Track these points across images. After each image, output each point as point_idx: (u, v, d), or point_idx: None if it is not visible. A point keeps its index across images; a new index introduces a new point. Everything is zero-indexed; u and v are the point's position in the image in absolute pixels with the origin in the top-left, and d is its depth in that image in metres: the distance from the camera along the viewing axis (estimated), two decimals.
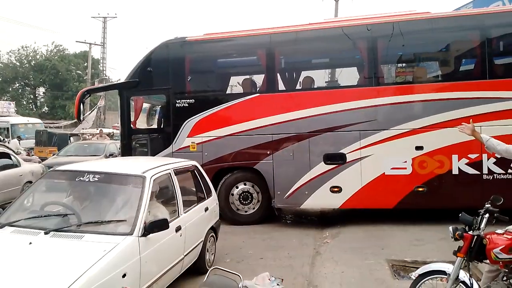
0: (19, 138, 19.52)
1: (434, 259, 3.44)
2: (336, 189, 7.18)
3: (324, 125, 7.21)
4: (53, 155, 15.42)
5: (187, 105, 7.72)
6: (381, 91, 7.11)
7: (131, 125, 8.12)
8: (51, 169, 4.76)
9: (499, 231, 3.23)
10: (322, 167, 7.24)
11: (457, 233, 3.20)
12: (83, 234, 3.45)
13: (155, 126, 8.71)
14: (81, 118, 8.01)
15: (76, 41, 44.09)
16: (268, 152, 7.45)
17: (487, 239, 3.15)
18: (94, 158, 11.22)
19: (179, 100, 7.74)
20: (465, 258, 3.18)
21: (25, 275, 2.92)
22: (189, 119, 7.67)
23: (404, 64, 7.76)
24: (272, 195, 7.49)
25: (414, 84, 7.26)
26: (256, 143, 7.50)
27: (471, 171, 6.72)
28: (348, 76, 8.23)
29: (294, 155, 7.34)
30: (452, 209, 4.12)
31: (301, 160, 7.30)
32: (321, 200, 7.35)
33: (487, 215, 3.18)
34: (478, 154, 6.63)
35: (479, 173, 6.68)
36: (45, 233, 3.43)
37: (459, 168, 6.76)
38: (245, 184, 7.72)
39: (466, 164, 6.73)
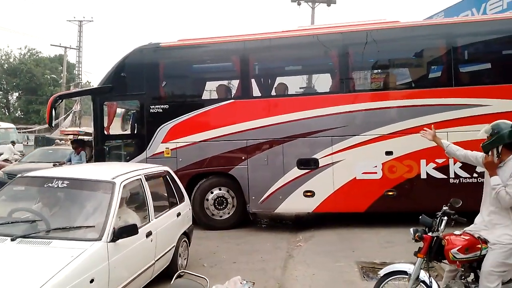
0: (13, 143, 18.90)
1: (402, 261, 3.56)
2: (309, 194, 7.29)
3: (297, 130, 7.32)
4: (16, 161, 14.68)
5: (161, 110, 7.71)
6: (352, 98, 7.27)
7: (105, 131, 8.05)
8: (19, 175, 4.68)
9: (457, 232, 3.39)
10: (295, 172, 7.34)
11: (417, 234, 3.35)
12: (51, 240, 3.43)
13: (129, 131, 8.65)
14: (53, 124, 7.88)
15: (51, 45, 42.92)
16: (243, 158, 7.51)
17: (445, 240, 3.29)
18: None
19: (153, 106, 7.72)
20: (425, 259, 3.31)
21: None
22: (164, 125, 7.66)
23: (374, 71, 7.95)
24: (247, 200, 7.55)
25: (384, 91, 7.46)
26: (231, 148, 7.56)
27: (438, 175, 6.92)
28: (321, 83, 8.40)
29: (269, 160, 7.43)
30: (421, 212, 4.26)
31: (275, 165, 7.39)
32: (295, 204, 7.45)
33: (445, 217, 3.33)
34: (445, 159, 6.81)
35: (446, 177, 6.89)
36: (12, 240, 3.40)
37: (427, 172, 6.95)
38: (220, 189, 7.75)
39: (434, 168, 6.94)
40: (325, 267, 5.32)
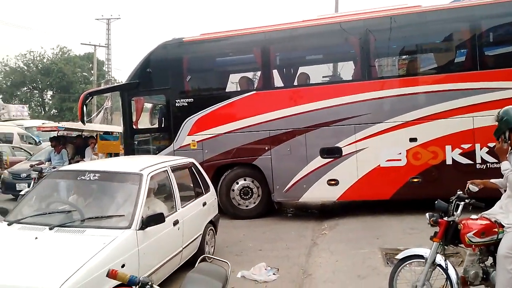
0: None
1: (425, 247, 3.59)
2: (333, 182, 7.33)
3: (320, 119, 7.34)
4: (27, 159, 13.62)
5: (186, 104, 7.91)
6: (374, 85, 7.22)
7: (133, 125, 8.33)
8: (55, 169, 4.99)
9: (474, 216, 3.38)
10: (319, 161, 7.38)
11: (432, 219, 3.38)
12: (84, 229, 3.66)
13: (156, 125, 8.89)
14: (85, 120, 8.22)
15: (81, 43, 44.28)
16: (266, 148, 7.61)
17: (462, 225, 3.31)
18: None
19: (179, 100, 7.93)
20: (441, 243, 3.34)
21: (31, 266, 3.12)
22: (189, 118, 7.85)
23: (397, 57, 7.83)
24: (271, 190, 7.66)
25: (408, 77, 7.36)
26: (254, 139, 7.67)
27: (464, 161, 6.82)
28: (343, 71, 8.38)
29: (292, 150, 7.49)
30: (447, 199, 4.23)
31: (299, 154, 7.45)
32: (319, 193, 7.50)
33: (461, 202, 3.34)
34: (471, 144, 6.74)
35: (472, 162, 6.77)
36: (50, 229, 3.64)
37: (452, 158, 6.86)
38: (245, 180, 7.89)
39: (460, 154, 6.84)
40: (349, 254, 5.36)
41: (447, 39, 7.51)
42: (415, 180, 7.00)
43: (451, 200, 3.40)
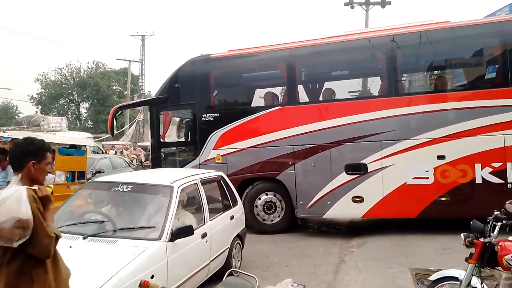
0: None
1: (458, 268, 3.47)
2: (358, 199, 7.21)
3: (345, 135, 7.27)
4: None
5: (212, 118, 7.99)
6: (401, 101, 7.10)
7: (161, 139, 8.48)
8: (90, 180, 5.15)
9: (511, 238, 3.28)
10: (343, 177, 7.28)
11: (468, 240, 3.26)
12: (116, 239, 3.75)
13: (183, 139, 9.02)
14: (114, 133, 8.43)
15: (117, 59, 45.51)
16: (290, 163, 7.57)
17: (499, 246, 3.18)
18: None
19: (205, 114, 8.02)
20: (476, 265, 3.21)
21: None
22: (215, 132, 7.92)
23: (425, 74, 7.71)
24: (294, 205, 7.59)
25: (436, 93, 7.22)
26: (278, 154, 7.66)
27: (495, 180, 6.58)
28: (369, 86, 8.33)
29: (316, 165, 7.43)
30: (477, 218, 4.10)
31: (323, 170, 7.38)
32: (344, 210, 7.38)
33: (498, 223, 3.22)
34: (502, 163, 6.52)
35: (503, 182, 6.53)
36: (84, 238, 3.75)
37: (482, 177, 6.63)
38: (267, 195, 7.84)
39: (490, 173, 6.60)
40: (378, 272, 5.22)
41: (477, 55, 7.34)
42: (443, 198, 6.79)
43: (487, 220, 3.28)
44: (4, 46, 71.67)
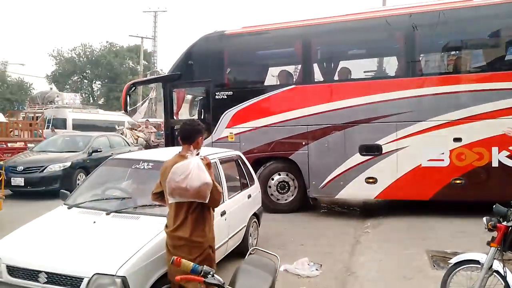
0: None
1: (475, 251, 3.49)
2: (371, 180, 7.15)
3: (360, 116, 7.17)
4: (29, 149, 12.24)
5: (225, 97, 7.90)
6: (418, 82, 6.96)
7: (174, 116, 8.43)
8: (111, 157, 5.24)
9: None
10: (357, 158, 7.21)
11: (490, 223, 3.19)
12: (139, 215, 3.78)
13: (196, 117, 8.94)
14: (128, 109, 8.45)
15: (129, 35, 45.57)
16: (304, 143, 7.50)
17: None
18: (70, 155, 10.23)
19: (219, 92, 7.94)
20: (499, 248, 3.16)
21: (91, 249, 3.29)
22: (228, 111, 7.85)
23: (443, 54, 7.47)
24: (307, 185, 7.53)
25: (453, 75, 7.04)
26: (291, 134, 7.59)
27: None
28: (386, 66, 8.16)
29: (330, 146, 7.35)
30: (491, 202, 4.09)
31: (337, 151, 7.30)
32: (356, 190, 7.35)
33: None
34: None
35: None
36: (107, 214, 3.80)
37: (499, 160, 6.52)
38: (279, 175, 7.82)
39: (507, 156, 6.49)
40: (393, 253, 5.19)
41: (497, 36, 7.05)
42: (458, 181, 6.71)
43: (511, 204, 3.26)
44: (17, 21, 71.53)
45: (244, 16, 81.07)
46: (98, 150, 10.76)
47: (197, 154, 3.04)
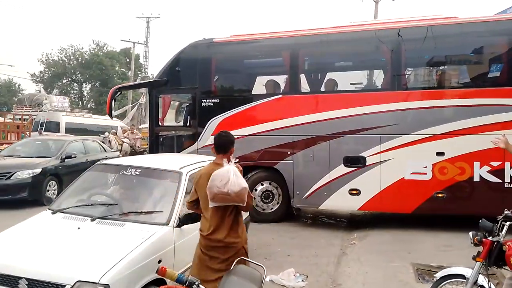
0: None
1: (460, 265, 3.56)
2: (355, 192, 7.14)
3: (345, 127, 7.18)
4: None
5: (212, 104, 7.84)
6: (404, 96, 7.02)
7: (159, 122, 8.33)
8: (98, 162, 5.15)
9: None
10: (341, 169, 7.21)
11: (476, 238, 3.23)
12: (124, 222, 3.70)
13: (181, 123, 8.87)
14: (113, 114, 8.32)
15: (121, 40, 44.90)
16: (289, 153, 7.47)
17: (507, 246, 3.15)
18: (40, 161, 9.48)
19: (205, 99, 7.87)
20: (484, 263, 3.19)
21: (74, 256, 3.22)
22: (214, 118, 7.77)
23: (428, 69, 7.58)
24: (291, 195, 7.49)
25: (438, 89, 7.14)
26: (277, 143, 7.54)
27: (492, 179, 6.55)
28: (371, 79, 8.18)
29: (314, 156, 7.34)
30: (472, 216, 4.15)
31: (321, 161, 7.29)
32: (340, 201, 7.33)
33: (508, 222, 3.19)
34: (500, 162, 6.46)
35: (501, 181, 6.50)
36: (92, 220, 3.72)
37: (480, 175, 6.59)
38: (262, 184, 7.77)
39: (488, 171, 6.56)
40: (379, 266, 5.22)
41: (481, 53, 7.21)
42: (440, 195, 6.76)
43: (497, 219, 3.24)
44: (7, 22, 69.94)
45: (238, 24, 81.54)
46: (72, 156, 10.04)
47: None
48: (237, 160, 3.35)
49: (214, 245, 3.23)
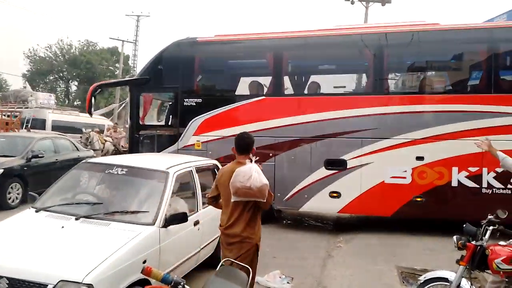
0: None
1: (443, 269, 3.64)
2: (335, 195, 7.16)
3: (327, 130, 7.19)
4: None
5: (194, 104, 7.75)
6: (385, 100, 7.07)
7: (140, 121, 8.18)
8: (83, 160, 5.00)
9: (502, 243, 3.28)
10: (322, 172, 7.22)
11: (460, 242, 3.27)
12: (109, 222, 3.63)
13: (163, 123, 8.74)
14: (92, 112, 8.11)
15: (110, 38, 43.62)
16: (271, 155, 7.43)
17: (490, 250, 3.19)
18: (3, 160, 8.65)
19: (187, 99, 7.77)
20: (467, 267, 3.22)
21: (57, 255, 3.15)
22: (196, 118, 7.69)
23: (410, 74, 7.66)
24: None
25: (419, 95, 7.20)
26: (259, 145, 7.40)
27: (470, 184, 6.64)
28: (354, 83, 8.26)
29: (296, 158, 7.33)
30: (450, 220, 4.21)
31: (303, 164, 7.28)
32: (320, 204, 7.34)
33: (491, 227, 3.24)
34: (478, 168, 6.56)
35: (478, 186, 6.60)
36: (76, 219, 3.63)
37: (458, 180, 6.68)
38: None
39: (466, 177, 6.65)
40: (364, 269, 5.26)
41: (462, 60, 7.32)
42: (418, 199, 6.82)
43: (481, 224, 3.29)
44: None
45: (229, 24, 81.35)
46: (40, 155, 9.10)
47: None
48: (257, 158, 3.48)
49: (232, 241, 3.37)
